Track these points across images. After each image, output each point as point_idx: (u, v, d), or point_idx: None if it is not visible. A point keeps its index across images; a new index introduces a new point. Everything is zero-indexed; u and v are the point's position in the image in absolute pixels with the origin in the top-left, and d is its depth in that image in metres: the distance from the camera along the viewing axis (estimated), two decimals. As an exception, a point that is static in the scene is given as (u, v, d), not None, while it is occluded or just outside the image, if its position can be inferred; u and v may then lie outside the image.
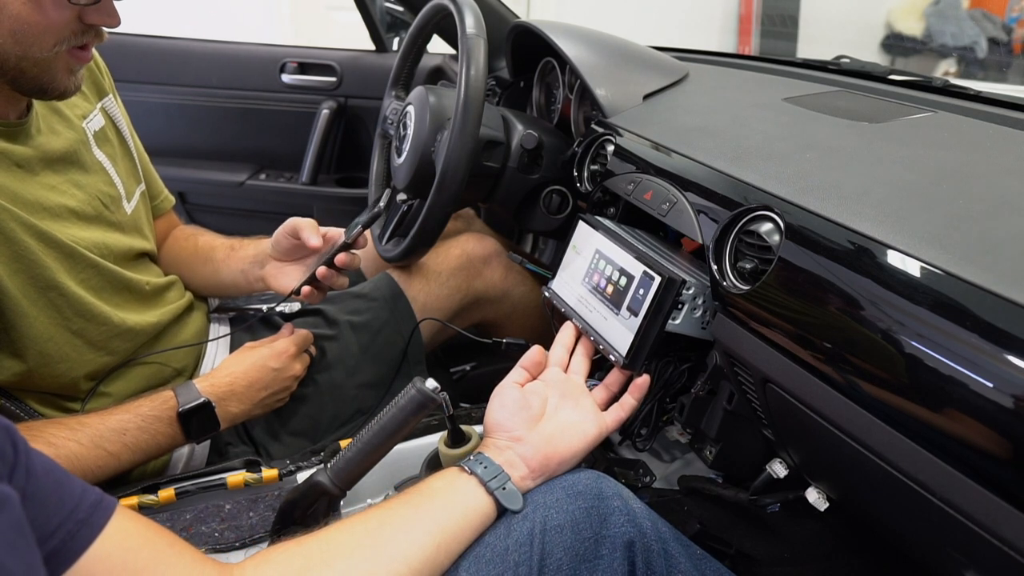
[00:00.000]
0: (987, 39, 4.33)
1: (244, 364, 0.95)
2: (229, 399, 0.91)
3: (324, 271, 1.02)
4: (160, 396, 0.88)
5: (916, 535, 0.62)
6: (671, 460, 1.03)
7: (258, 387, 0.94)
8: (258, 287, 1.09)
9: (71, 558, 0.47)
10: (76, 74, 0.78)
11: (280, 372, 0.97)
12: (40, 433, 0.77)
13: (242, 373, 0.94)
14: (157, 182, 1.12)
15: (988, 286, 0.51)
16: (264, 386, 0.95)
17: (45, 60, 0.73)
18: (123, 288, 0.92)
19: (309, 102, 2.02)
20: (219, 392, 0.91)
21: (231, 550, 0.81)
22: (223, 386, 0.92)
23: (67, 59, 0.75)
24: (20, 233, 0.76)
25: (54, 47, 0.72)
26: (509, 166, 1.15)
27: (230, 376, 0.93)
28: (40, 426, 0.79)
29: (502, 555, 0.63)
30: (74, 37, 0.74)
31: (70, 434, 0.79)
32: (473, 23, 1.00)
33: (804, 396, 0.65)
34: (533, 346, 0.83)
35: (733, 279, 0.73)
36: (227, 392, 0.91)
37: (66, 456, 0.77)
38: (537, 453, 0.71)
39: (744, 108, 1.01)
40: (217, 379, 0.92)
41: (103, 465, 0.81)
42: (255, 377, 0.94)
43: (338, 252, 1.02)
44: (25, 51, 0.71)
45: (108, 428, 0.82)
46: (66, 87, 0.77)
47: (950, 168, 0.71)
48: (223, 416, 0.90)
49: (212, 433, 0.91)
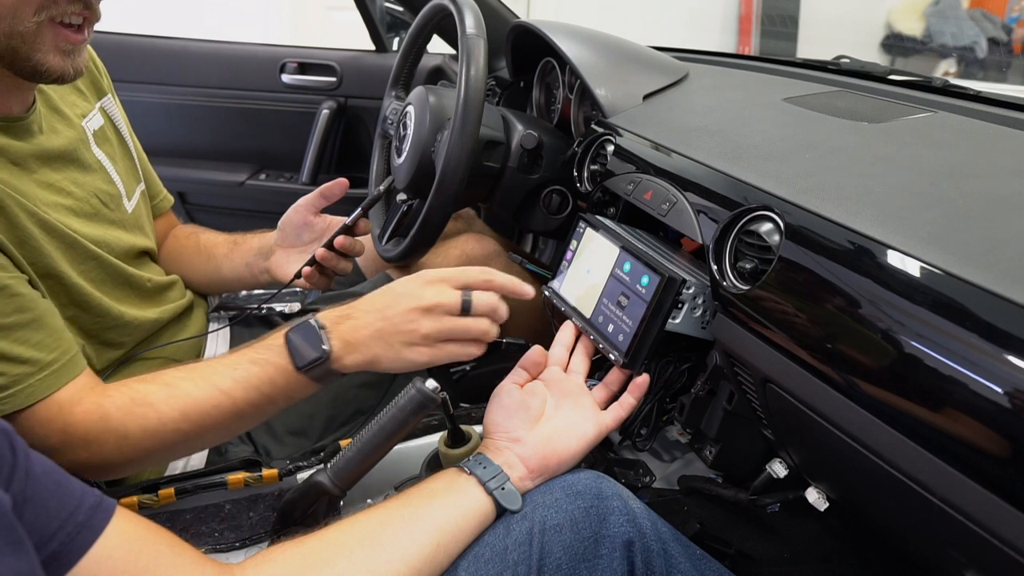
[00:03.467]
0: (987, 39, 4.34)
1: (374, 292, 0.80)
2: (343, 323, 0.77)
3: (324, 253, 1.04)
4: (281, 328, 0.80)
5: (916, 535, 0.62)
6: (671, 460, 1.03)
7: (375, 314, 0.76)
8: (263, 279, 1.11)
9: (71, 560, 0.47)
10: (72, 56, 0.76)
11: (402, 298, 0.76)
12: (160, 376, 0.77)
13: (366, 297, 0.80)
14: (156, 182, 1.12)
15: (988, 286, 0.51)
16: (383, 315, 0.76)
17: (32, 35, 0.72)
18: (124, 283, 0.92)
19: (309, 102, 2.02)
20: (334, 316, 0.78)
21: (231, 550, 0.81)
22: (343, 309, 0.79)
23: (54, 36, 0.73)
24: (24, 219, 0.76)
25: (35, 16, 0.71)
26: (509, 166, 1.15)
27: (355, 302, 0.80)
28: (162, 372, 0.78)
29: (501, 554, 0.63)
30: (56, 6, 0.72)
31: (186, 374, 0.76)
32: (473, 23, 1.00)
33: (804, 396, 0.65)
34: (533, 346, 0.83)
35: (733, 279, 0.73)
36: (341, 316, 0.78)
37: (180, 395, 0.75)
38: (536, 453, 0.71)
39: (744, 108, 1.01)
40: (341, 306, 0.80)
41: (218, 405, 0.75)
42: (376, 302, 0.78)
43: (338, 235, 1.05)
44: (10, 26, 0.70)
45: (223, 364, 0.77)
46: (63, 69, 0.76)
47: (950, 168, 0.71)
48: (336, 343, 0.75)
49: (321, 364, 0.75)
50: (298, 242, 1.10)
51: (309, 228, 1.09)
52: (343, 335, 0.76)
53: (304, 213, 1.09)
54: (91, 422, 0.73)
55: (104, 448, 0.73)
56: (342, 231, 1.05)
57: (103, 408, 0.74)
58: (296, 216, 1.09)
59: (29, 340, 0.71)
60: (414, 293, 0.76)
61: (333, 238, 1.05)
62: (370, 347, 0.76)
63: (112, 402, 0.74)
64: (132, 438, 0.73)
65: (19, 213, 0.75)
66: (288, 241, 1.10)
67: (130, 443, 0.73)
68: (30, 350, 0.71)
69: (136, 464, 0.78)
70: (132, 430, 0.73)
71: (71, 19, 0.74)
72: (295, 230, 1.09)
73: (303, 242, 1.10)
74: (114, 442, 0.73)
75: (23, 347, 0.71)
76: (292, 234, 1.09)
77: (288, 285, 1.06)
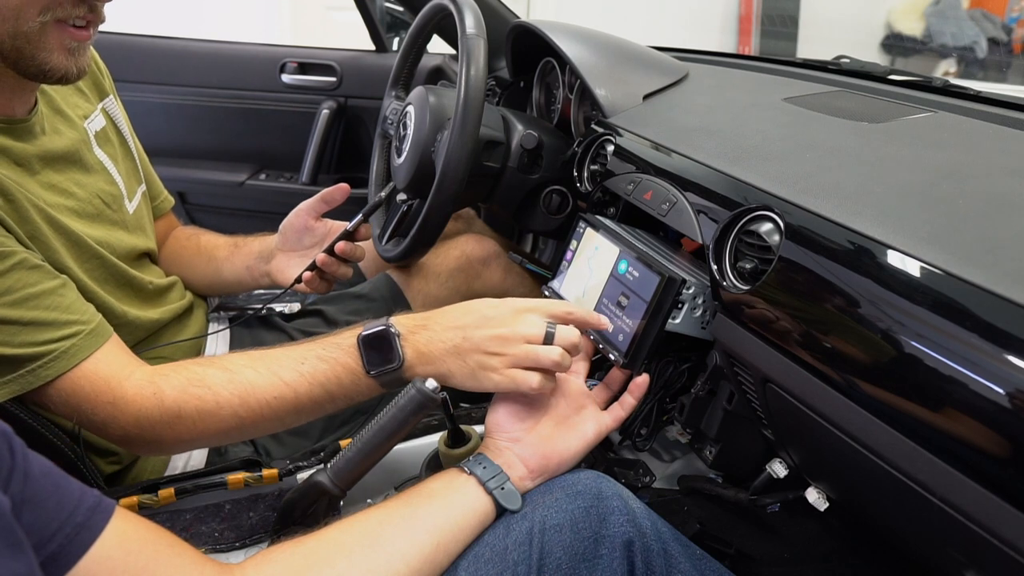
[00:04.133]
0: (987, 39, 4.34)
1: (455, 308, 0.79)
2: (419, 333, 0.76)
3: (324, 258, 1.04)
4: (352, 328, 0.79)
5: (916, 535, 0.62)
6: (671, 460, 1.03)
7: (457, 332, 0.75)
8: (263, 282, 1.12)
9: (71, 561, 0.46)
10: (76, 56, 0.76)
11: (490, 322, 0.75)
12: (220, 360, 0.77)
13: (446, 311, 0.78)
14: (157, 183, 1.12)
15: (988, 286, 0.51)
16: (465, 335, 0.74)
17: (36, 35, 0.72)
18: (126, 283, 0.92)
19: (309, 102, 2.02)
20: (410, 324, 0.77)
21: (231, 550, 0.81)
22: (419, 319, 0.78)
23: (59, 35, 0.73)
24: (34, 214, 0.76)
25: (39, 16, 0.71)
26: (509, 166, 1.15)
27: (430, 313, 0.79)
28: (223, 356, 0.77)
29: (501, 554, 0.63)
30: (61, 8, 0.72)
31: (249, 362, 0.76)
32: (473, 23, 1.00)
33: (804, 396, 0.65)
34: None
35: (733, 279, 0.73)
36: (418, 326, 0.76)
37: (241, 382, 0.74)
38: (536, 453, 0.71)
39: (744, 108, 1.01)
40: (416, 315, 0.79)
41: (279, 396, 0.74)
42: (460, 319, 0.76)
43: (339, 240, 1.05)
44: (15, 27, 0.70)
45: (288, 356, 0.76)
46: (67, 68, 0.76)
47: (950, 168, 0.71)
48: (409, 352, 0.75)
49: (392, 370, 0.75)
50: (299, 246, 1.10)
51: (310, 232, 1.10)
52: (418, 345, 0.75)
53: (305, 217, 1.09)
54: (143, 398, 0.73)
55: (157, 427, 0.73)
56: (343, 236, 1.05)
57: (156, 385, 0.74)
58: (297, 220, 1.09)
59: (60, 305, 0.73)
60: (503, 319, 0.75)
61: (334, 243, 1.05)
62: (445, 362, 0.75)
63: (167, 381, 0.75)
64: (187, 419, 0.74)
65: (29, 208, 0.76)
66: (289, 245, 1.10)
67: (184, 423, 0.74)
68: (64, 314, 0.73)
69: (188, 444, 0.78)
70: (187, 411, 0.73)
71: (75, 21, 0.74)
72: (296, 234, 1.09)
73: (304, 246, 1.10)
74: (167, 422, 0.73)
75: (56, 312, 0.72)
76: (293, 238, 1.10)
77: (288, 289, 1.06)
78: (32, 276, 0.72)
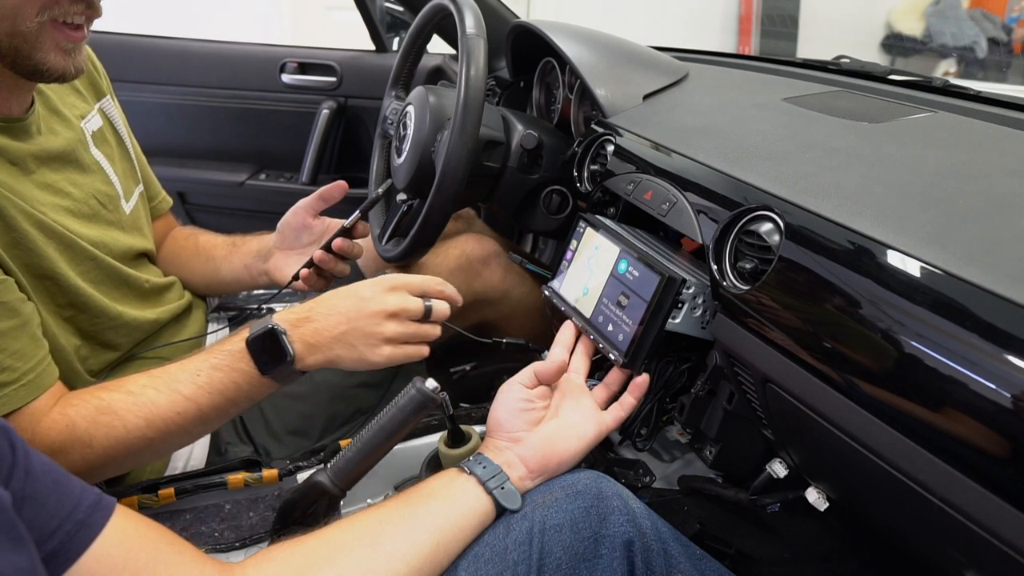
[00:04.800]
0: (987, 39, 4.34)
1: (334, 294, 0.83)
2: (303, 325, 0.79)
3: (321, 255, 1.04)
4: (238, 332, 0.81)
5: (916, 535, 0.62)
6: (671, 460, 1.03)
7: (339, 317, 0.80)
8: (262, 281, 1.12)
9: (71, 558, 0.47)
10: (73, 55, 0.76)
11: (367, 303, 0.80)
12: (124, 383, 0.77)
13: (324, 299, 0.82)
14: (155, 183, 1.12)
15: (988, 286, 0.51)
16: (347, 318, 0.79)
17: (33, 35, 0.72)
18: (122, 283, 0.92)
19: (309, 102, 2.02)
20: (292, 318, 0.80)
21: (231, 550, 0.81)
22: (301, 311, 0.81)
23: (56, 35, 0.73)
24: (21, 221, 0.76)
25: (37, 16, 0.71)
26: (509, 166, 1.15)
27: (310, 304, 0.82)
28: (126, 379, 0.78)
29: (501, 554, 0.63)
30: (59, 6, 0.72)
31: (149, 381, 0.77)
32: (473, 23, 1.00)
33: (804, 396, 0.65)
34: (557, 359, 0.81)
35: (733, 279, 0.73)
36: (301, 319, 0.80)
37: (144, 403, 0.75)
38: (536, 453, 0.71)
39: (744, 108, 1.01)
40: (297, 308, 0.82)
41: (182, 412, 0.76)
42: (339, 305, 0.81)
43: (337, 236, 1.05)
44: (13, 25, 0.70)
45: (183, 371, 0.78)
46: (64, 68, 0.76)
47: (950, 168, 0.71)
48: (298, 346, 0.78)
49: (285, 366, 0.78)
50: (297, 244, 1.10)
51: (308, 230, 1.10)
52: (305, 338, 0.79)
53: (303, 215, 1.09)
54: (57, 431, 0.73)
55: (69, 456, 0.73)
56: (340, 233, 1.06)
57: (69, 417, 0.73)
58: (295, 219, 1.09)
59: (8, 348, 0.71)
60: (379, 298, 0.81)
61: (331, 240, 1.05)
62: (332, 348, 0.79)
63: (77, 412, 0.74)
64: (97, 447, 0.73)
65: (15, 215, 0.75)
66: (287, 243, 1.10)
67: (95, 452, 0.73)
68: (8, 359, 0.71)
69: (100, 472, 0.77)
70: (98, 439, 0.73)
71: (73, 19, 0.74)
72: (294, 232, 1.10)
73: (302, 244, 1.10)
74: (79, 451, 0.73)
75: (2, 355, 0.70)
76: (291, 236, 1.10)
77: (286, 287, 1.06)
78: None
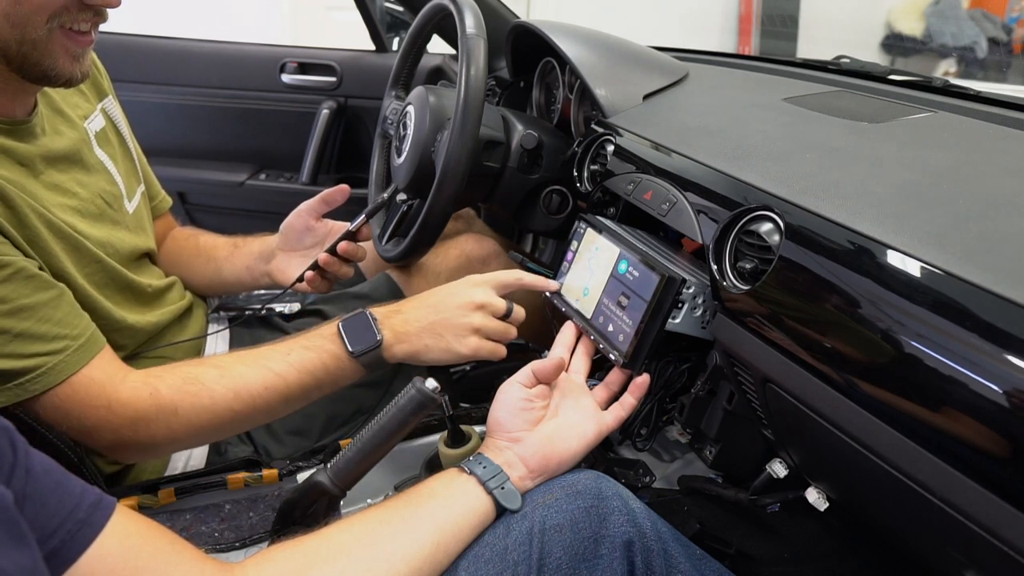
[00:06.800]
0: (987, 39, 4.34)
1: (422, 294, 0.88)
2: (393, 316, 0.85)
3: (326, 258, 1.05)
4: (330, 322, 0.86)
5: (916, 535, 0.62)
6: (671, 460, 1.03)
7: (427, 308, 0.85)
8: (263, 282, 1.12)
9: (71, 558, 0.47)
10: (80, 60, 0.77)
11: (455, 296, 0.85)
12: (210, 360, 0.79)
13: (413, 299, 0.88)
14: (155, 183, 1.13)
15: (988, 286, 0.51)
16: (436, 309, 0.84)
17: (43, 41, 0.72)
18: (125, 287, 0.92)
19: (309, 102, 2.02)
20: (384, 309, 0.86)
21: (231, 550, 0.81)
22: (391, 306, 0.87)
23: (65, 41, 0.74)
24: (33, 220, 0.76)
25: (47, 23, 0.71)
26: (509, 166, 1.15)
27: (399, 302, 0.88)
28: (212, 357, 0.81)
29: (501, 554, 0.63)
30: (68, 14, 0.72)
31: (237, 358, 0.81)
32: (473, 23, 1.00)
33: (804, 396, 0.65)
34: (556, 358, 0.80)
35: (733, 279, 0.73)
36: (392, 311, 0.86)
37: (233, 376, 0.78)
38: (536, 453, 0.71)
39: (744, 108, 1.01)
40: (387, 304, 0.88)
41: (270, 386, 0.79)
42: (427, 299, 0.86)
43: (341, 240, 1.06)
44: (23, 33, 0.71)
45: (275, 350, 0.82)
46: (71, 73, 0.76)
47: (950, 168, 0.71)
48: (387, 333, 0.83)
49: (373, 351, 0.82)
50: (299, 246, 1.10)
51: (311, 233, 1.10)
52: (394, 326, 0.84)
53: (306, 218, 1.10)
54: (140, 398, 0.74)
55: (152, 426, 0.74)
56: (345, 236, 1.06)
57: (152, 386, 0.75)
58: (298, 221, 1.10)
59: (52, 318, 0.73)
60: (467, 291, 0.85)
61: (336, 243, 1.05)
62: (421, 338, 0.84)
63: (162, 381, 0.76)
64: (183, 416, 0.75)
65: (29, 213, 0.76)
66: (289, 245, 1.10)
67: (180, 421, 0.75)
68: (55, 327, 0.73)
69: (182, 443, 0.80)
70: (183, 408, 0.75)
71: (81, 26, 0.74)
72: (297, 234, 1.10)
73: (304, 246, 1.10)
74: (164, 420, 0.75)
75: (48, 325, 0.72)
76: (294, 238, 1.10)
77: (290, 288, 1.07)
78: (27, 287, 0.71)
